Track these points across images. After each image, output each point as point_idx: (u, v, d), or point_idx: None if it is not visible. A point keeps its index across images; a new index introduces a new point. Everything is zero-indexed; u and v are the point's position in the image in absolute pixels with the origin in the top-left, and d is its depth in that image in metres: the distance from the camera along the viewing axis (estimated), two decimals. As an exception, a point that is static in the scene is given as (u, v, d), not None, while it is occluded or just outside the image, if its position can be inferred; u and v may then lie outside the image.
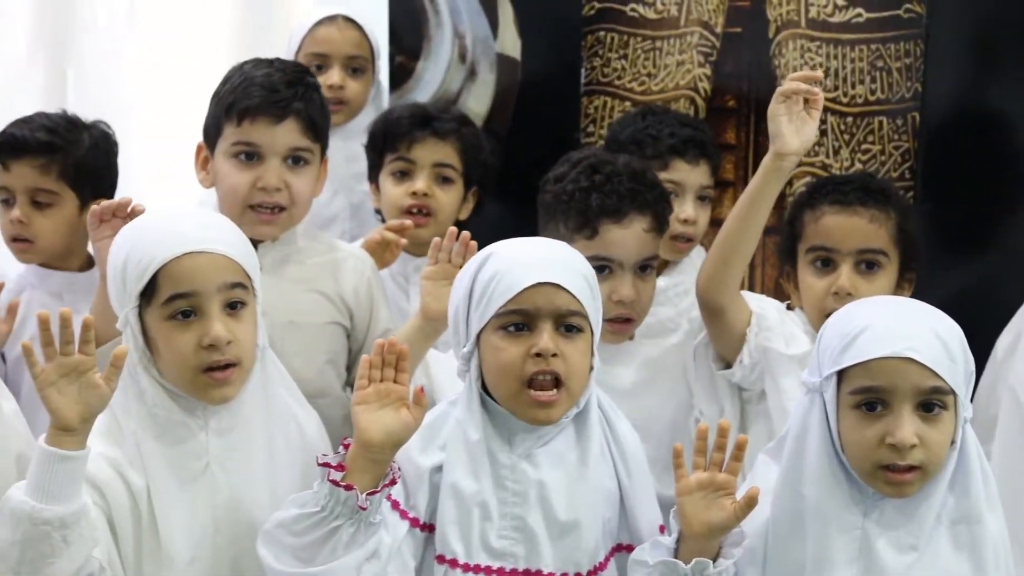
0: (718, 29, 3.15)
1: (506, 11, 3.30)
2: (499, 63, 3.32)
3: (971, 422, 2.04)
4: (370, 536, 1.98)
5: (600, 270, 2.40)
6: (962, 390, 2.01)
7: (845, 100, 3.10)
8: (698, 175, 2.83)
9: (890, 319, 2.04)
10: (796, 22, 3.09)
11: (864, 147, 3.08)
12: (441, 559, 2.06)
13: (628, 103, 3.19)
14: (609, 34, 3.21)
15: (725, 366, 2.58)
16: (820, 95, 2.44)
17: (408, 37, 3.40)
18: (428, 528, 2.09)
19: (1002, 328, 2.73)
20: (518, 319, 2.06)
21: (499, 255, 2.11)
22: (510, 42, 3.31)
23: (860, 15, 3.06)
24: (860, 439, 2.00)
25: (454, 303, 2.14)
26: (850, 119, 3.10)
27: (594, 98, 3.24)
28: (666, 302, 2.75)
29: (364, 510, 1.96)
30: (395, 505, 2.07)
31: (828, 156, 3.11)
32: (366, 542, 1.97)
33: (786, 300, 2.67)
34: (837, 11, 3.07)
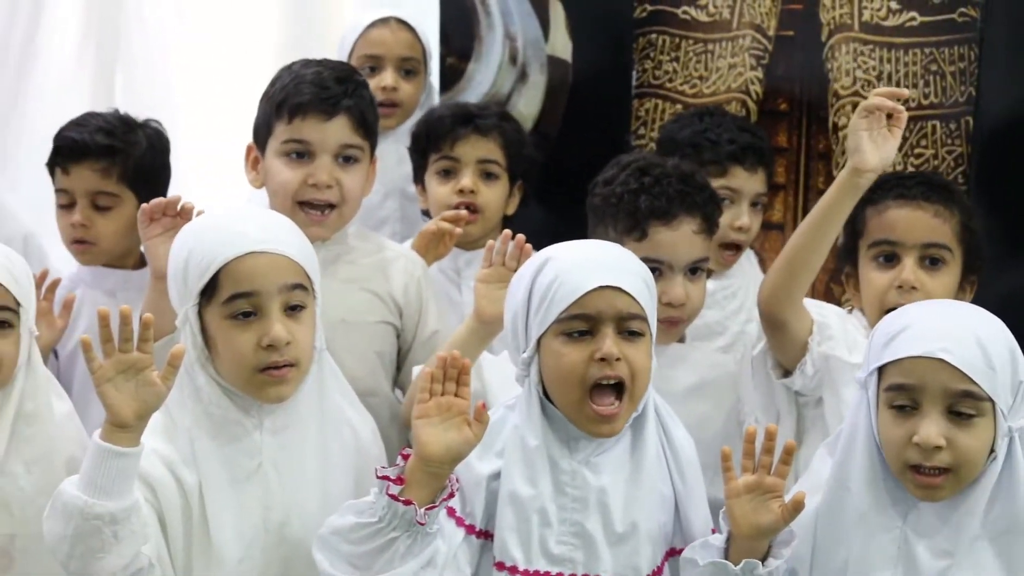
0: (770, 32, 3.13)
1: (557, 13, 3.29)
2: (550, 65, 3.31)
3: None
4: (426, 546, 1.97)
5: (650, 272, 2.39)
6: (1005, 399, 1.98)
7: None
8: (755, 183, 2.82)
9: (933, 319, 2.03)
10: (849, 25, 3.06)
11: (917, 151, 3.05)
12: (500, 566, 2.05)
13: (679, 106, 3.17)
14: (661, 36, 3.19)
15: (784, 374, 2.54)
16: (904, 113, 2.38)
17: (459, 38, 3.39)
18: (484, 535, 2.08)
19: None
20: (580, 325, 2.04)
21: (557, 259, 2.09)
22: (561, 44, 3.29)
23: (914, 19, 3.03)
24: (892, 437, 2.00)
25: (512, 308, 2.12)
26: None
27: (645, 100, 3.22)
28: (714, 305, 2.74)
29: (422, 525, 1.95)
30: (451, 512, 2.05)
31: (881, 160, 3.09)
32: (422, 552, 1.97)
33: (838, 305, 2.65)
34: (891, 15, 3.04)
